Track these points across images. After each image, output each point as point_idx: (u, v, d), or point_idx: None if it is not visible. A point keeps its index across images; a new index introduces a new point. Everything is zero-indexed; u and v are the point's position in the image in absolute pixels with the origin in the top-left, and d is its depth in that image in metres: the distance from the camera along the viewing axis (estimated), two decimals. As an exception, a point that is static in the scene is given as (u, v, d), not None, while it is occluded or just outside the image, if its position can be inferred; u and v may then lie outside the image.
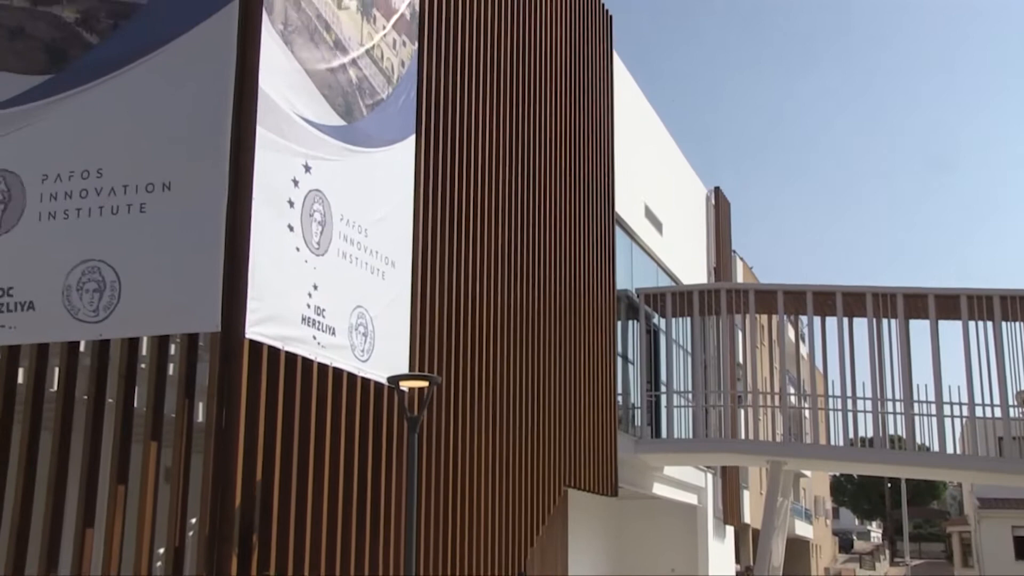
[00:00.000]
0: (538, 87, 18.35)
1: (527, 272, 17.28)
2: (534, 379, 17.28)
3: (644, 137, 26.73)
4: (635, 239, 25.61)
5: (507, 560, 15.75)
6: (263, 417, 10.28)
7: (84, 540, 10.04)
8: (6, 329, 10.27)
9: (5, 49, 10.96)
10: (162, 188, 10.14)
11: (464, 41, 15.39)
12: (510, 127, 16.93)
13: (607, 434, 21.01)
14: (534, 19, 18.39)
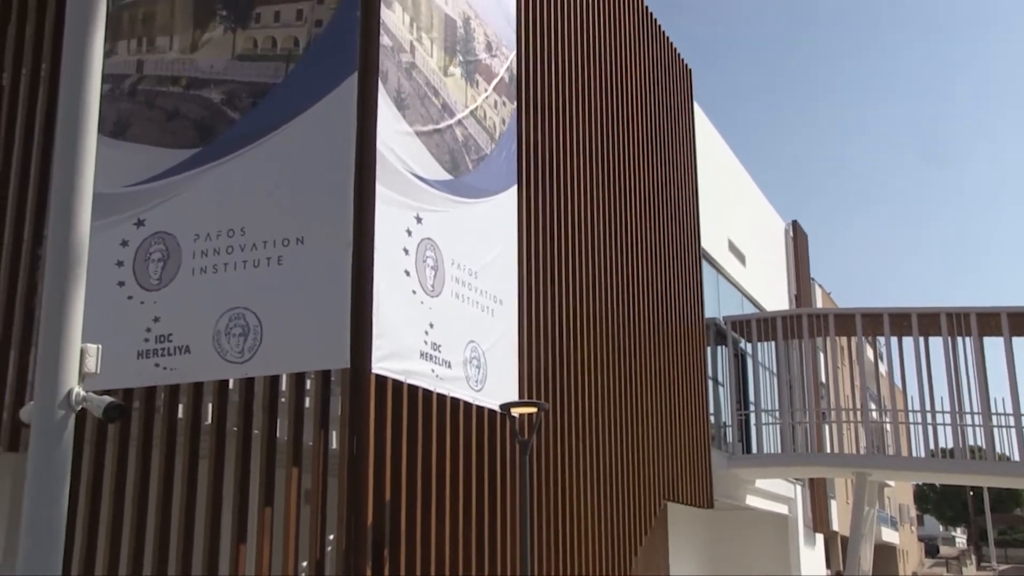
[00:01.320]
0: (627, 137, 18.54)
1: (623, 305, 17.41)
2: (633, 403, 17.38)
3: (725, 177, 26.72)
4: (720, 271, 25.61)
5: (613, 569, 15.84)
6: (390, 443, 10.52)
7: (239, 554, 10.38)
8: (167, 370, 10.72)
9: (163, 128, 11.47)
10: (296, 242, 10.49)
11: (558, 99, 15.62)
12: (603, 174, 17.12)
13: (702, 451, 21.01)
14: (622, 76, 18.60)
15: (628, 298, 17.71)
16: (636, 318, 18.01)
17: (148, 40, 11.95)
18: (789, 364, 25.65)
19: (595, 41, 17.50)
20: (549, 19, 15.67)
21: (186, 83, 11.60)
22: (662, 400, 18.96)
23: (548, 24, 15.61)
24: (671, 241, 20.52)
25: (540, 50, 15.23)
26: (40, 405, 4.69)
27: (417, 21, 11.83)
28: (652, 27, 20.84)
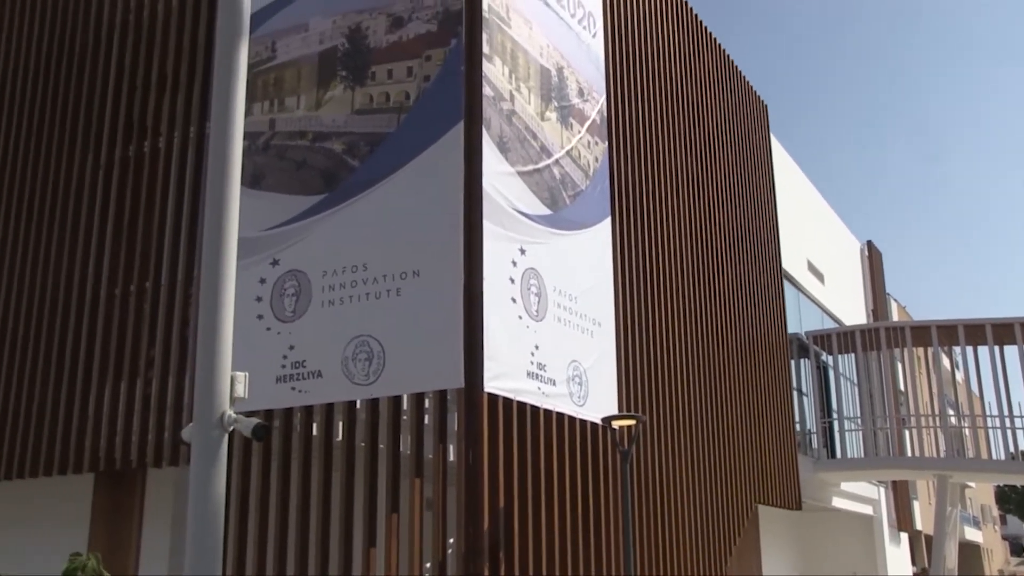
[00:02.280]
0: (710, 170, 18.46)
1: (711, 323, 17.31)
2: (723, 414, 17.23)
3: (802, 203, 26.40)
4: (801, 290, 25.26)
5: (709, 568, 15.69)
6: (502, 455, 10.58)
7: (369, 557, 10.53)
8: (302, 393, 10.96)
9: (293, 177, 11.77)
10: (413, 275, 10.63)
11: (646, 137, 15.64)
12: (689, 204, 17.07)
13: (789, 456, 20.70)
14: (704, 115, 18.54)
15: (715, 317, 17.61)
16: (723, 335, 17.89)
17: (279, 101, 12.29)
18: (869, 374, 25.16)
19: (678, 84, 17.49)
20: (635, 65, 15.73)
21: (312, 137, 11.88)
22: (750, 410, 18.76)
23: (635, 69, 15.67)
24: (754, 264, 20.34)
25: (628, 93, 15.30)
26: (198, 426, 4.86)
27: (515, 72, 11.95)
28: (730, 68, 20.75)
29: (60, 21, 16.34)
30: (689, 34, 18.42)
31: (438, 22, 11.48)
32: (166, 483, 13.93)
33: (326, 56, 12.15)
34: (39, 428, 14.23)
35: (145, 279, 13.82)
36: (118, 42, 15.34)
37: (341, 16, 12.15)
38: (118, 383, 13.61)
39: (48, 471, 14.01)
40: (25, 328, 14.94)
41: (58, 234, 15.05)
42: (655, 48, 16.65)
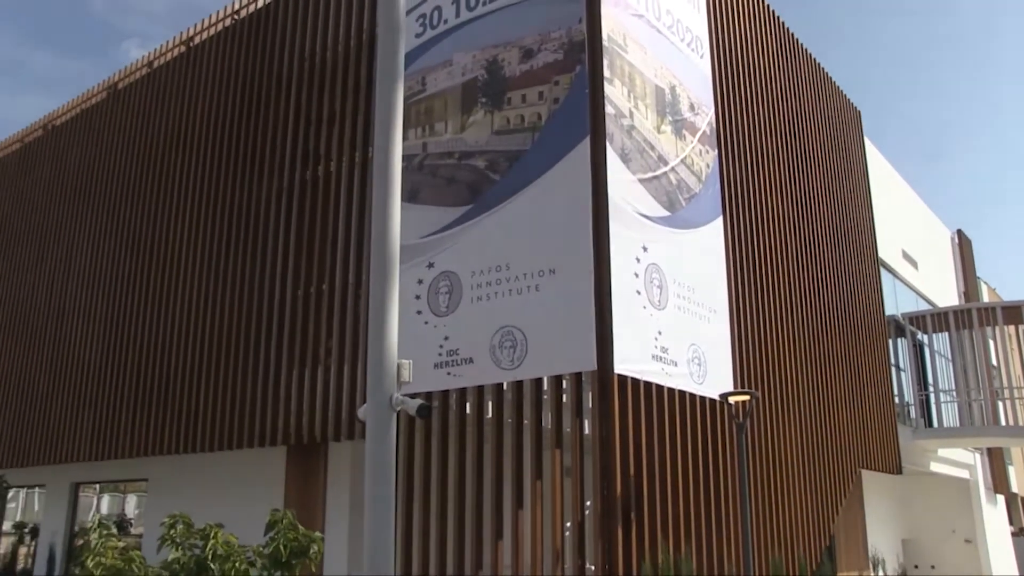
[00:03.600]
0: (808, 170, 17.95)
1: (814, 308, 16.84)
2: (827, 388, 16.73)
3: (896, 197, 25.46)
4: (896, 275, 24.31)
5: (819, 528, 15.25)
6: (631, 428, 10.50)
7: (517, 518, 10.60)
8: (456, 377, 11.07)
9: (443, 192, 11.90)
10: (549, 273, 10.64)
11: (750, 143, 15.34)
12: (792, 202, 16.65)
13: (889, 425, 19.95)
14: (801, 121, 18.06)
15: (818, 301, 17.11)
16: (826, 318, 17.36)
17: (430, 127, 12.43)
18: (962, 350, 24.06)
19: (777, 95, 17.07)
20: (739, 81, 15.43)
21: (458, 156, 11.98)
22: (852, 385, 18.17)
23: (738, 84, 15.37)
24: (852, 253, 19.68)
25: (733, 106, 15.02)
26: (371, 406, 4.93)
27: (633, 92, 11.83)
28: (824, 80, 20.14)
29: (248, 71, 16.89)
30: (786, 51, 17.96)
31: (564, 51, 11.43)
32: (345, 454, 14.25)
33: (468, 86, 12.23)
34: (242, 409, 14.76)
35: (322, 282, 14.18)
36: (295, 86, 15.77)
37: (480, 51, 12.21)
38: (303, 370, 14.00)
39: (250, 444, 14.53)
40: (229, 327, 15.51)
41: (251, 247, 15.57)
42: (755, 65, 16.29)
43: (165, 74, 19.09)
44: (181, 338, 16.37)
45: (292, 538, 7.77)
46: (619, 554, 9.95)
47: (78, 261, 19.94)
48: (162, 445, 16.14)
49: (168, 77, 18.96)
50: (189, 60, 18.53)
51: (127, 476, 19.23)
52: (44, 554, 19.95)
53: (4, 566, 21.34)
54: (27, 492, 22.55)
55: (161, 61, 19.45)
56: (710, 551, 11.58)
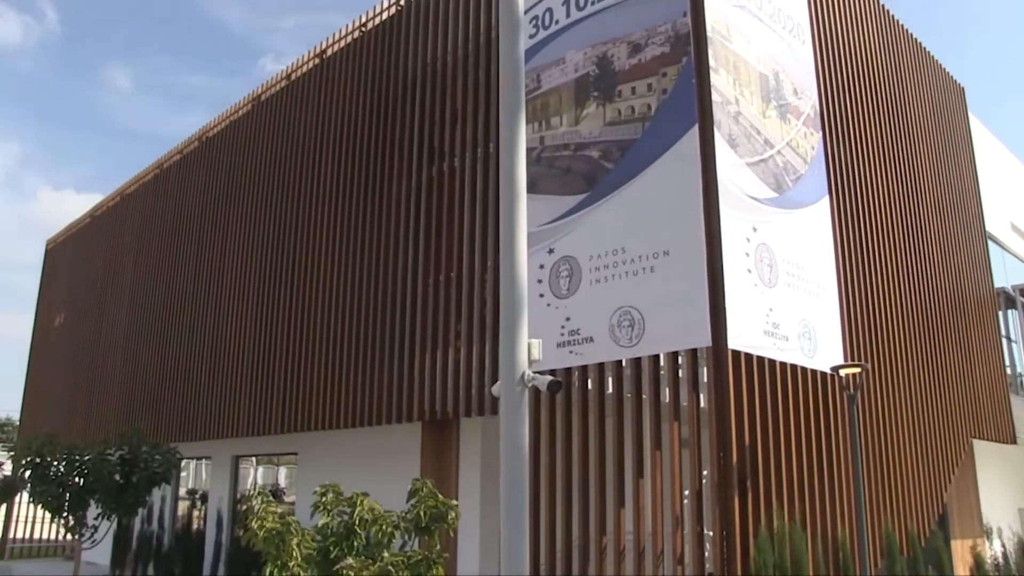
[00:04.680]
0: (913, 147, 17.18)
1: (922, 281, 16.13)
2: (937, 360, 16.01)
3: (1003, 171, 24.16)
4: (1005, 248, 23.08)
5: (931, 498, 14.64)
6: (746, 401, 10.27)
7: (638, 487, 10.53)
8: (578, 355, 11.03)
9: (560, 182, 11.87)
10: (663, 255, 10.50)
11: (853, 123, 14.79)
12: (896, 179, 15.96)
13: (1001, 396, 18.99)
14: (903, 99, 17.28)
15: (925, 275, 16.37)
16: (934, 291, 16.60)
17: (546, 121, 12.40)
18: (1074, 320, 22.70)
19: (879, 75, 16.37)
20: (840, 63, 14.85)
21: (574, 147, 11.91)
22: (962, 356, 17.34)
23: (840, 67, 14.80)
24: (959, 227, 18.75)
25: (836, 88, 14.47)
26: (504, 383, 4.94)
27: (738, 80, 11.53)
28: (926, 58, 19.20)
29: (376, 78, 17.19)
30: (886, 32, 17.17)
31: (670, 44, 11.22)
32: (475, 429, 14.43)
33: (581, 81, 12.15)
34: (380, 388, 15.09)
35: (450, 271, 14.34)
36: (420, 89, 15.96)
37: (591, 48, 12.10)
38: (435, 352, 14.20)
39: (388, 420, 14.85)
40: (367, 314, 15.86)
41: (385, 240, 15.87)
42: (857, 47, 15.65)
43: (302, 85, 19.60)
44: (324, 325, 16.84)
45: (431, 505, 7.90)
46: (736, 521, 9.76)
47: (230, 258, 20.73)
48: (310, 422, 16.66)
49: (305, 87, 19.46)
50: (323, 71, 18.97)
51: (279, 450, 19.95)
52: (213, 517, 20.91)
53: (182, 526, 22.48)
54: (196, 463, 23.67)
55: (298, 73, 19.97)
56: (823, 519, 11.26)
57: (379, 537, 7.84)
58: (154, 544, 22.38)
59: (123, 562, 23.70)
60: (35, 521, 30.87)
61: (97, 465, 12.43)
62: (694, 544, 9.97)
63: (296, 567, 7.68)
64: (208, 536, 20.75)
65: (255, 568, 16.69)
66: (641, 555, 10.36)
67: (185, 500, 23.51)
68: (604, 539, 10.74)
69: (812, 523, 10.98)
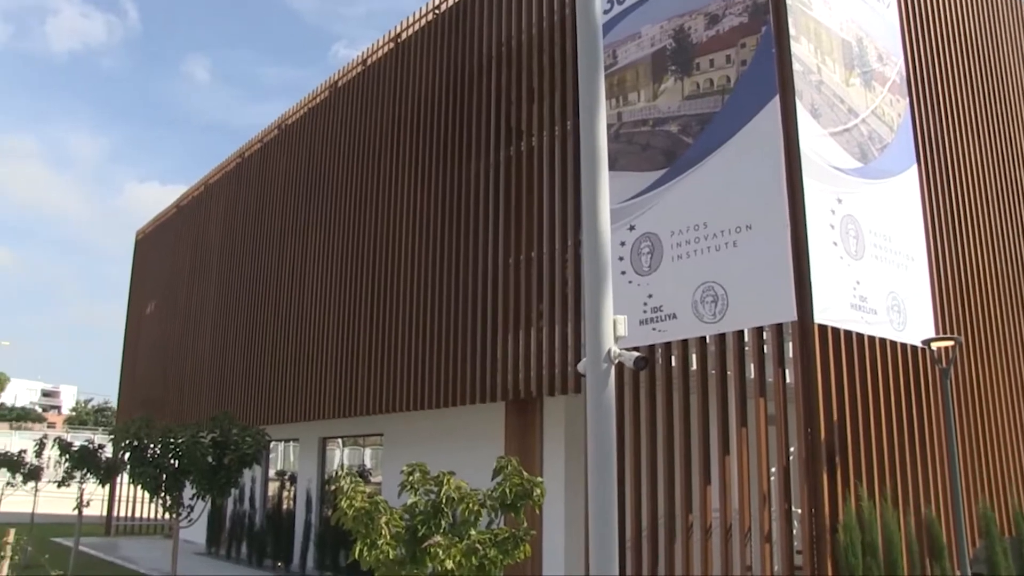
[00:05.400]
0: (1008, 112, 16.57)
1: (1017, 250, 15.61)
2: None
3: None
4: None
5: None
6: (833, 376, 10.13)
7: (724, 463, 10.50)
8: (661, 332, 11.02)
9: (640, 158, 11.82)
10: (746, 228, 10.40)
11: (943, 88, 14.32)
12: (988, 146, 15.40)
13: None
14: (996, 61, 16.65)
15: (1017, 240, 15.82)
16: None
17: (623, 97, 12.35)
18: None
19: (969, 37, 15.78)
20: (930, 26, 14.39)
21: (652, 123, 11.84)
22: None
23: (928, 30, 14.34)
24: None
25: (924, 52, 14.04)
26: (591, 360, 5.00)
27: (820, 48, 11.30)
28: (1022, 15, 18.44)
29: (452, 60, 17.30)
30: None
31: (748, 14, 11.05)
32: (559, 407, 14.52)
33: (657, 56, 12.05)
34: (463, 369, 15.30)
35: (531, 250, 14.42)
36: (495, 68, 16.03)
37: (667, 21, 11.99)
38: (517, 332, 14.33)
39: (472, 400, 15.05)
40: (449, 295, 16.07)
41: (465, 221, 16.03)
42: (946, 8, 15.12)
43: (378, 69, 19.85)
44: (407, 307, 17.11)
45: (517, 483, 7.98)
46: (824, 498, 9.66)
47: (313, 243, 21.18)
48: (394, 403, 16.98)
49: (381, 72, 19.70)
50: (398, 55, 19.17)
51: (365, 432, 20.38)
52: (302, 498, 21.51)
53: (272, 506, 23.19)
54: (284, 445, 24.36)
55: (373, 58, 20.22)
56: (915, 497, 11.03)
57: (465, 515, 7.97)
58: (246, 523, 23.14)
59: (218, 540, 24.58)
60: (136, 501, 32.17)
61: (191, 447, 12.89)
62: (782, 521, 9.90)
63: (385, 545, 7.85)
64: (297, 516, 21.36)
65: (344, 547, 17.13)
66: (728, 532, 10.32)
67: (275, 481, 24.22)
68: (690, 516, 10.74)
69: (903, 501, 10.78)
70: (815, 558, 9.51)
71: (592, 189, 5.25)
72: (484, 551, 7.67)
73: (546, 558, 14.38)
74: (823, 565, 9.42)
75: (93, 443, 19.55)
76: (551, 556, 14.31)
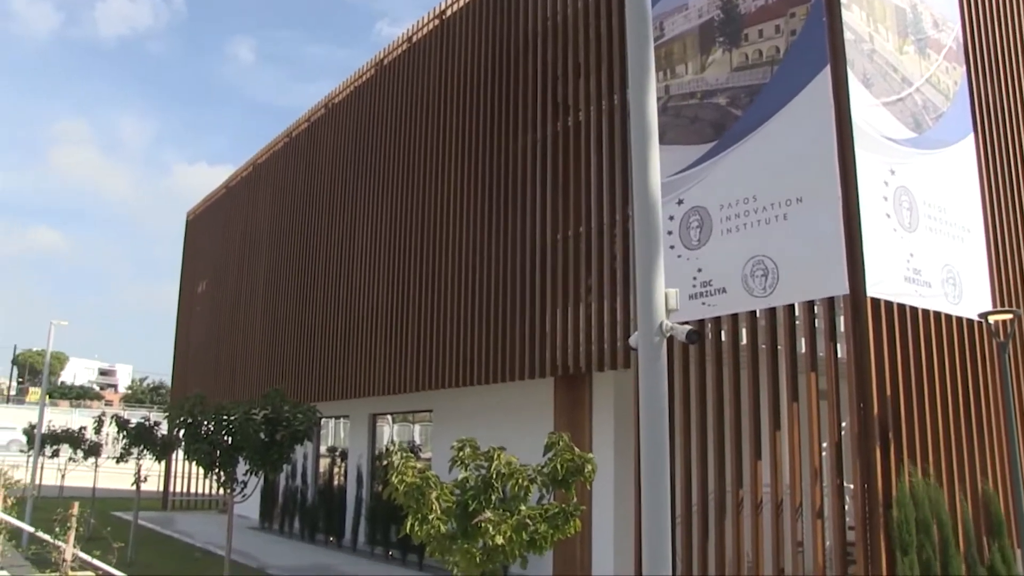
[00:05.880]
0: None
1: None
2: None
3: None
4: None
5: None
6: (886, 350, 10.01)
7: (775, 439, 10.46)
8: (710, 307, 10.96)
9: (688, 131, 11.72)
10: (796, 201, 10.28)
11: (1003, 54, 13.96)
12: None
13: None
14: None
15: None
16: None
17: (671, 70, 12.24)
18: None
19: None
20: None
21: (700, 95, 11.73)
22: None
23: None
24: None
25: (983, 16, 13.69)
26: (642, 334, 4.99)
27: (872, 15, 11.08)
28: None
29: (497, 35, 17.27)
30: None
31: (799, -18, 10.86)
32: (608, 383, 14.54)
33: (705, 27, 11.91)
34: (512, 345, 15.38)
35: (579, 225, 14.41)
36: (541, 43, 15.97)
37: (715, -8, 11.84)
38: (566, 307, 14.36)
39: (521, 376, 15.14)
40: (497, 271, 16.13)
41: (512, 197, 16.06)
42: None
43: (423, 46, 19.88)
44: (455, 284, 17.21)
45: (568, 459, 8.02)
46: (878, 474, 9.57)
47: (361, 220, 21.37)
48: (443, 380, 17.13)
49: (426, 49, 19.73)
50: (443, 31, 19.18)
51: (415, 408, 20.60)
52: (353, 473, 21.85)
53: (323, 482, 23.59)
54: (335, 422, 24.72)
55: (419, 35, 20.25)
56: (971, 473, 10.87)
57: (516, 491, 8.02)
58: (298, 499, 23.57)
59: (271, 516, 25.08)
60: (191, 477, 32.92)
61: (243, 424, 13.13)
62: (834, 497, 9.84)
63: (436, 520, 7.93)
64: (348, 491, 21.70)
65: (395, 522, 17.37)
66: (779, 508, 10.29)
67: (326, 457, 24.62)
68: (740, 492, 10.72)
69: (959, 477, 10.64)
70: (868, 534, 9.45)
71: (643, 161, 5.24)
72: (535, 526, 7.74)
73: (595, 533, 14.47)
74: (876, 541, 9.35)
75: (149, 420, 20.03)
76: (600, 531, 14.40)
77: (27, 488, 21.31)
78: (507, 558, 7.76)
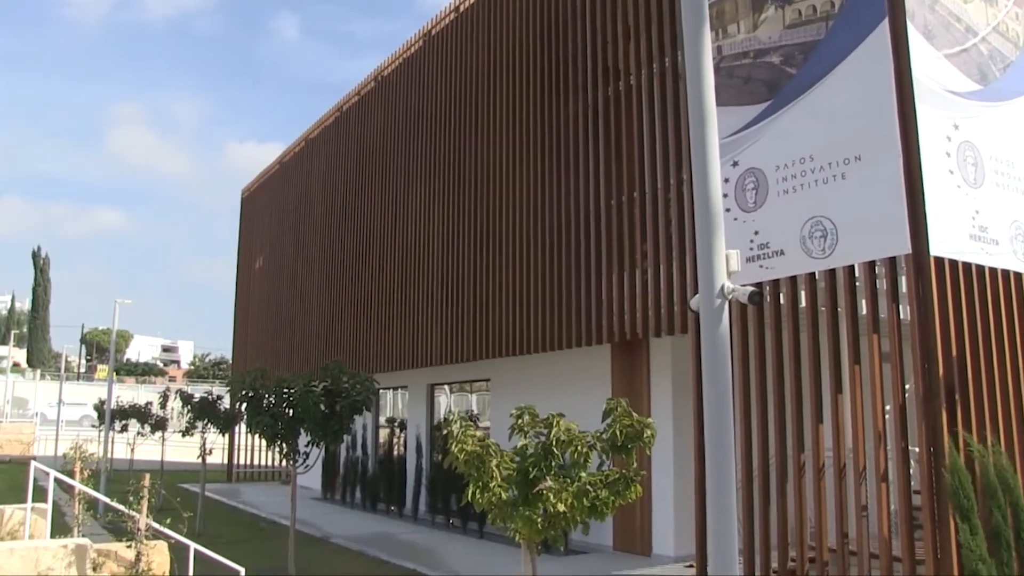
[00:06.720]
0: None
1: None
2: None
3: None
4: None
5: None
6: (951, 310, 9.79)
7: (836, 402, 10.32)
8: (768, 270, 10.81)
9: (741, 91, 11.52)
10: (855, 160, 10.07)
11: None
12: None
13: None
14: None
15: None
16: None
17: (723, 30, 12.01)
18: None
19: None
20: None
21: (753, 55, 11.50)
22: None
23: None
24: None
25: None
26: (703, 295, 4.97)
27: (934, -37, 10.73)
28: None
29: (546, 1, 17.12)
30: None
31: (854, -67, 10.55)
32: (665, 349, 14.50)
33: (758, -16, 11.67)
34: (568, 312, 15.40)
35: (632, 190, 14.32)
36: (589, 7, 15.80)
37: (767, -53, 11.56)
38: (622, 273, 14.31)
39: (579, 343, 15.16)
40: (551, 238, 16.12)
41: (564, 163, 16.01)
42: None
43: (471, 15, 19.80)
44: (510, 252, 17.25)
45: (627, 424, 8.02)
46: (944, 436, 9.41)
47: (414, 191, 21.47)
48: (500, 348, 17.22)
49: (474, 18, 19.65)
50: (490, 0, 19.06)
51: (472, 377, 20.76)
52: (412, 443, 22.13)
53: (383, 452, 23.94)
54: (393, 392, 25.03)
55: (465, 5, 20.16)
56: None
57: (575, 457, 8.05)
58: (359, 470, 23.97)
59: (333, 486, 25.56)
60: (254, 449, 33.66)
61: (303, 396, 13.37)
62: (898, 461, 9.70)
63: (497, 487, 7.99)
64: (408, 461, 22.00)
65: (455, 491, 17.57)
66: (842, 472, 10.18)
67: (385, 428, 24.97)
68: (802, 456, 10.62)
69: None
70: (935, 499, 9.31)
71: (699, 122, 5.18)
72: (595, 492, 7.76)
73: (655, 498, 14.49)
74: (943, 506, 9.21)
75: (212, 395, 20.49)
76: (660, 496, 14.41)
77: (100, 461, 22.00)
78: (568, 525, 7.81)
